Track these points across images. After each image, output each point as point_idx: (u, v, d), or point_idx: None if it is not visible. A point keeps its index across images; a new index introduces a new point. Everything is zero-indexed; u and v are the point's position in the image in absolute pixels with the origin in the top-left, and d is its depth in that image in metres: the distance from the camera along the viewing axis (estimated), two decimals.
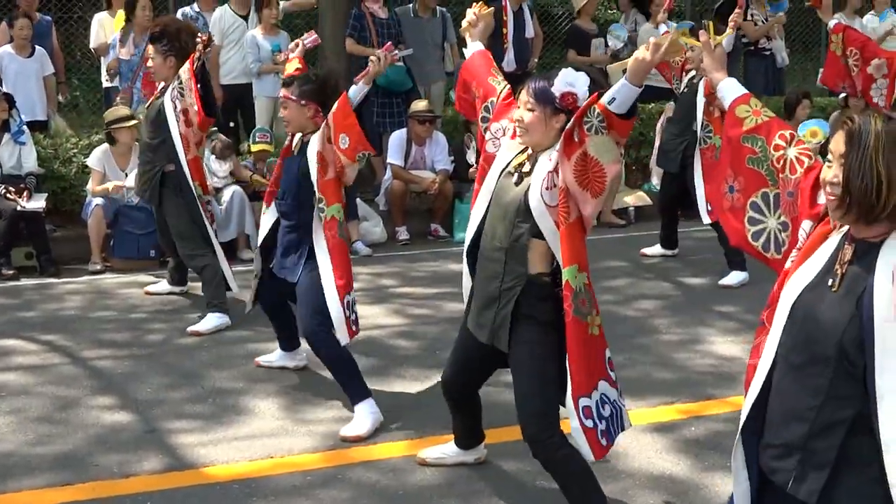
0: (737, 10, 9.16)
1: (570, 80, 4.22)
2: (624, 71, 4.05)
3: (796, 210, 3.30)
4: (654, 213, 10.00)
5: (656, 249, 9.36)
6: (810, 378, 2.92)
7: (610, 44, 12.24)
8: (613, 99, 3.98)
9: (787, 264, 3.14)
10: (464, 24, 5.16)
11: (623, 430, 4.50)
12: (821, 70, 12.27)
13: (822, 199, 3.10)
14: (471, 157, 10.23)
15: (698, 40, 4.15)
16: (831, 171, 2.90)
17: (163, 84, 7.39)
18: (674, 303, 8.03)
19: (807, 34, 16.83)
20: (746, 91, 3.61)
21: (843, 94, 11.04)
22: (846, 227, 2.97)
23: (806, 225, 3.20)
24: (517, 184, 4.34)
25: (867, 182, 2.81)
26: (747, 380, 3.18)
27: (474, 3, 5.21)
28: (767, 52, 12.87)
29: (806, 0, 14.49)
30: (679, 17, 15.40)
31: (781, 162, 3.37)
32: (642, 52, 3.89)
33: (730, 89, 3.61)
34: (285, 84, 5.93)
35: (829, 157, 2.92)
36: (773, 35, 12.92)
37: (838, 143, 2.89)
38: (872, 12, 13.10)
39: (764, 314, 3.15)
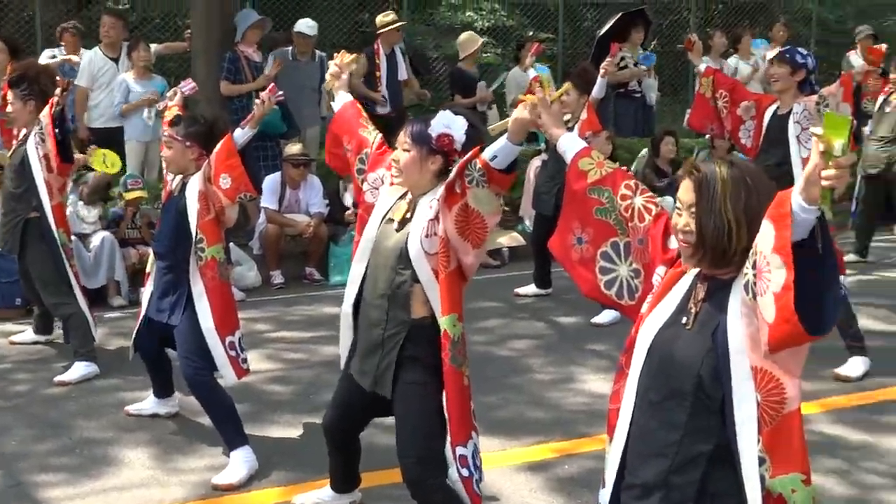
0: (608, 59, 9.35)
1: (447, 123, 4.26)
2: (503, 132, 4.09)
3: (648, 256, 3.39)
4: (527, 253, 10.10)
5: (530, 289, 9.45)
6: (669, 414, 2.99)
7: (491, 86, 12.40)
8: (495, 156, 4.01)
9: (643, 308, 3.21)
10: (327, 77, 5.15)
11: (481, 482, 4.49)
12: (689, 112, 12.65)
13: (673, 244, 3.19)
14: (348, 199, 10.24)
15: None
16: (682, 220, 2.99)
17: (24, 130, 7.23)
18: (547, 342, 8.11)
19: (675, 77, 17.25)
20: (586, 144, 3.72)
21: (709, 135, 11.33)
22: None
23: (660, 270, 3.29)
24: (397, 230, 4.36)
25: (718, 228, 2.90)
26: (610, 424, 3.23)
27: (335, 55, 5.21)
28: (637, 95, 13.13)
29: (678, 43, 14.93)
30: (551, 59, 15.68)
31: (630, 211, 3.47)
32: (520, 112, 3.92)
33: (570, 144, 3.71)
34: (172, 123, 5.86)
35: (678, 205, 3.01)
36: (646, 74, 13.15)
37: (686, 192, 2.98)
38: (736, 55, 13.47)
39: (622, 358, 3.22)
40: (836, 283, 2.75)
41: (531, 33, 15.90)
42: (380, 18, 11.83)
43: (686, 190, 3.00)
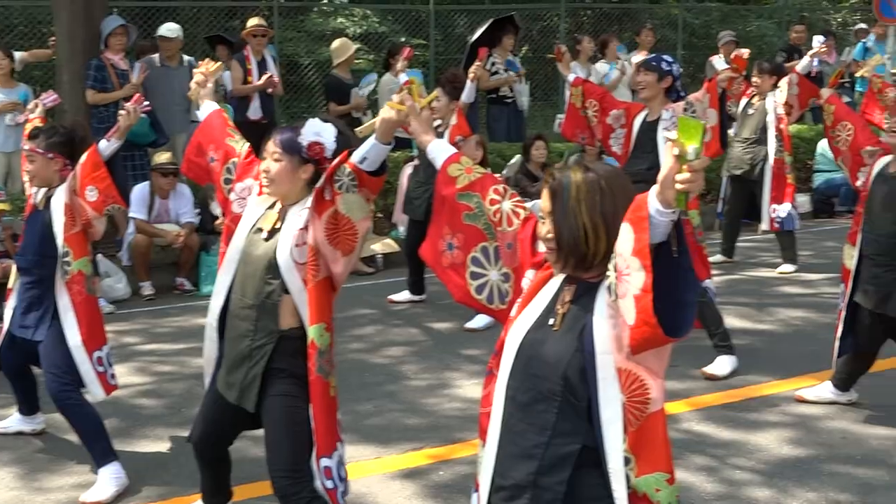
0: (476, 63, 9.42)
1: (318, 130, 4.22)
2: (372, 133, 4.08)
3: (517, 260, 3.43)
4: (402, 259, 10.09)
5: (404, 295, 9.45)
6: (537, 415, 3.01)
7: (361, 91, 12.34)
8: (364, 158, 4.02)
9: (513, 311, 3.23)
10: (192, 86, 5.05)
11: (346, 494, 4.47)
12: (558, 117, 12.80)
13: (541, 247, 3.22)
14: (216, 208, 10.10)
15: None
16: (545, 228, 3.02)
17: None
18: (421, 348, 8.11)
19: (546, 82, 17.43)
20: (456, 150, 3.75)
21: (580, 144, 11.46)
22: None
23: (529, 273, 3.32)
24: (266, 240, 4.31)
25: (574, 233, 2.95)
26: (481, 428, 3.24)
27: (199, 63, 5.13)
28: (509, 100, 13.21)
29: (549, 50, 15.09)
30: (423, 65, 15.72)
31: (498, 216, 3.51)
32: (387, 112, 3.91)
33: (440, 150, 3.74)
34: (31, 136, 5.71)
35: (541, 213, 3.04)
36: (517, 80, 13.22)
37: (545, 200, 3.02)
38: (604, 60, 13.65)
39: (492, 362, 3.23)
40: (693, 285, 2.81)
41: (403, 39, 15.92)
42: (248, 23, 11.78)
43: (545, 197, 3.04)
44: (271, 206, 4.41)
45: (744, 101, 10.32)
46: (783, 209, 9.99)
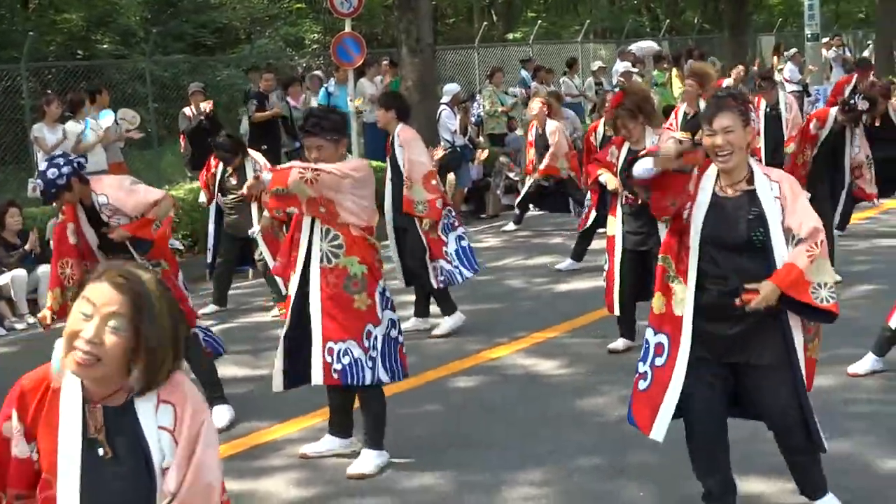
0: None
1: None
2: None
3: None
4: None
5: None
6: None
7: None
8: None
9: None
10: None
11: None
12: (30, 181, 12.30)
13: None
14: None
15: None
16: (96, 328, 2.81)
17: None
18: None
19: (17, 145, 16.71)
20: None
21: None
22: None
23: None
24: None
25: (164, 341, 2.84)
26: None
27: None
28: None
29: (19, 111, 14.47)
30: None
31: None
32: None
33: None
34: None
35: (92, 310, 2.80)
36: None
37: (121, 305, 2.80)
38: (74, 119, 13.09)
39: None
40: None
41: None
42: None
43: (115, 299, 2.79)
44: None
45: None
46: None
